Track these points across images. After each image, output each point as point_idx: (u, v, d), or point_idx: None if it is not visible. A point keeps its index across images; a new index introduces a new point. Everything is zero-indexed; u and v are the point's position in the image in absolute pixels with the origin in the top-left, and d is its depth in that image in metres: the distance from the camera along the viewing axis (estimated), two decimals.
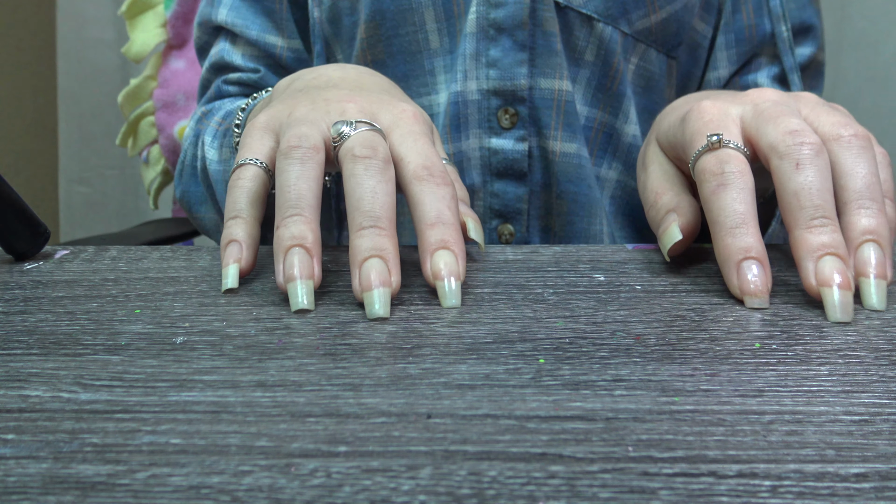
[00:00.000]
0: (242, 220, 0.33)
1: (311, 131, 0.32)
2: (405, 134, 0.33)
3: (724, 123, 0.34)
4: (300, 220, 0.30)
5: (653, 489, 0.17)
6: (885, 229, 0.30)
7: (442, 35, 0.51)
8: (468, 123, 0.51)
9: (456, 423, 0.20)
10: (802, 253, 0.29)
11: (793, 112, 0.33)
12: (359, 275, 0.29)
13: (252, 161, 0.34)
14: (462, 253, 0.30)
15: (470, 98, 0.51)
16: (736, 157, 0.32)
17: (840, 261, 0.29)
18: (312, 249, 0.30)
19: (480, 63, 0.50)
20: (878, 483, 0.18)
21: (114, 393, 0.22)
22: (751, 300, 0.30)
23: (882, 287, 0.29)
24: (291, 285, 0.29)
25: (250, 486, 0.17)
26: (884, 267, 0.30)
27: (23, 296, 0.32)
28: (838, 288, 0.28)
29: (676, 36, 0.54)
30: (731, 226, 0.30)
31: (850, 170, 0.31)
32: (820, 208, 0.30)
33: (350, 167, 0.31)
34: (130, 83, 0.88)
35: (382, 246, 0.29)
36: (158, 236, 0.80)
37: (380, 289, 0.28)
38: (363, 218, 0.30)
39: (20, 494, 0.17)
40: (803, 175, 0.30)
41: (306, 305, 0.29)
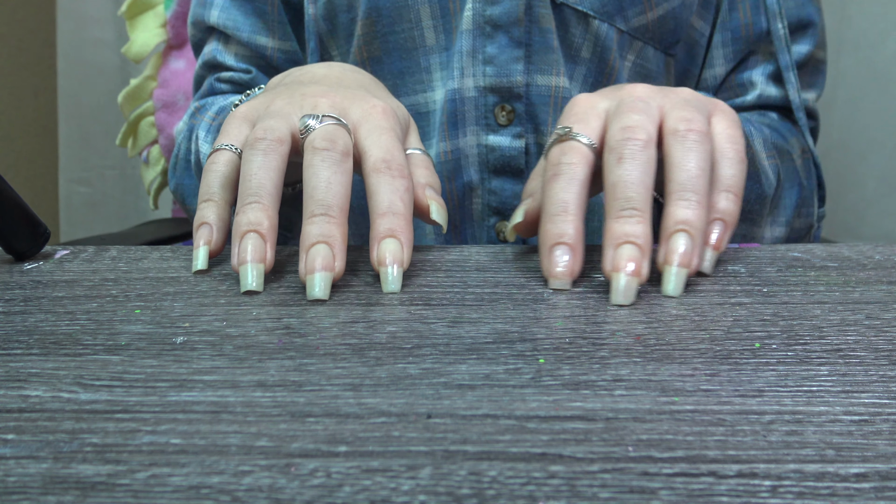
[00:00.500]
0: (214, 203, 0.35)
1: (279, 124, 0.34)
2: (371, 129, 0.35)
3: (587, 117, 0.35)
4: (258, 206, 0.32)
5: (653, 489, 0.17)
6: (699, 220, 0.31)
7: (438, 32, 0.51)
8: (465, 120, 0.51)
9: (456, 423, 0.20)
10: (607, 240, 0.31)
11: (646, 108, 0.34)
12: (305, 259, 0.30)
13: (227, 147, 0.36)
14: (408, 241, 0.32)
15: (467, 95, 0.51)
16: (577, 149, 0.33)
17: (637, 249, 0.30)
18: (266, 235, 0.31)
19: (477, 60, 0.51)
20: (878, 483, 0.18)
21: (114, 393, 0.22)
22: (553, 281, 0.32)
23: (681, 275, 0.31)
24: (243, 268, 0.31)
25: (250, 486, 0.17)
26: (688, 257, 0.31)
27: (23, 296, 0.32)
28: (625, 274, 0.30)
29: (674, 33, 0.54)
30: (553, 213, 0.32)
31: (678, 163, 0.32)
32: (631, 200, 0.31)
33: (309, 158, 0.32)
34: (130, 83, 0.88)
35: (330, 233, 0.31)
36: (158, 236, 0.80)
37: (322, 272, 0.30)
38: (315, 206, 0.31)
39: (20, 494, 0.17)
40: (622, 168, 0.31)
41: (254, 287, 0.31)
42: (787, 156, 0.53)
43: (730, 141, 0.35)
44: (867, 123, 0.94)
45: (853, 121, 0.94)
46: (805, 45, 0.56)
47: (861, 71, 0.93)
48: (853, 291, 0.31)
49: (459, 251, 0.38)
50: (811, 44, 0.56)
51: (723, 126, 0.36)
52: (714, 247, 0.33)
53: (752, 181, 0.47)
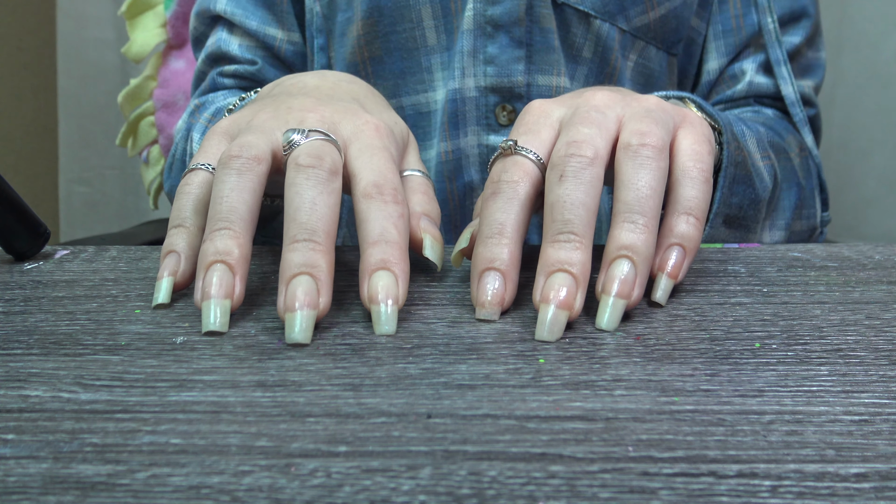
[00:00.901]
0: (185, 229, 0.31)
1: (258, 140, 0.30)
2: (363, 148, 0.31)
3: (537, 127, 0.32)
4: (227, 234, 0.28)
5: (653, 489, 0.17)
6: (644, 246, 0.28)
7: (439, 32, 0.51)
8: (466, 120, 0.51)
9: (456, 423, 0.20)
10: (539, 267, 0.28)
11: (601, 120, 0.30)
12: (285, 292, 0.26)
13: (203, 166, 0.32)
14: (404, 274, 0.28)
15: (468, 95, 0.51)
16: (520, 164, 0.30)
17: (570, 278, 0.27)
18: (236, 266, 0.28)
19: (478, 60, 0.51)
20: (878, 483, 0.18)
21: (114, 393, 0.22)
22: (479, 311, 0.28)
23: (618, 307, 0.27)
24: (206, 303, 0.27)
25: (250, 486, 0.17)
26: (628, 286, 0.27)
27: (23, 296, 0.32)
28: (554, 306, 0.26)
29: (676, 32, 0.54)
30: (487, 235, 0.29)
31: (627, 181, 0.29)
32: (568, 223, 0.28)
33: (292, 175, 0.29)
34: (130, 83, 0.88)
35: (314, 262, 0.27)
36: (158, 236, 0.80)
37: (304, 311, 0.26)
38: (297, 230, 0.27)
39: (20, 494, 0.17)
40: (562, 188, 0.28)
41: (217, 327, 0.27)
42: (784, 154, 0.52)
43: (693, 158, 0.31)
44: (867, 123, 0.94)
45: (853, 120, 0.94)
46: (797, 35, 0.56)
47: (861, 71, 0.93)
48: (853, 291, 0.31)
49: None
50: (804, 34, 0.56)
51: (688, 141, 0.32)
52: (670, 275, 0.30)
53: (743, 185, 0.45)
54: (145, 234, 0.81)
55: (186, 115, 0.57)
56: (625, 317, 0.28)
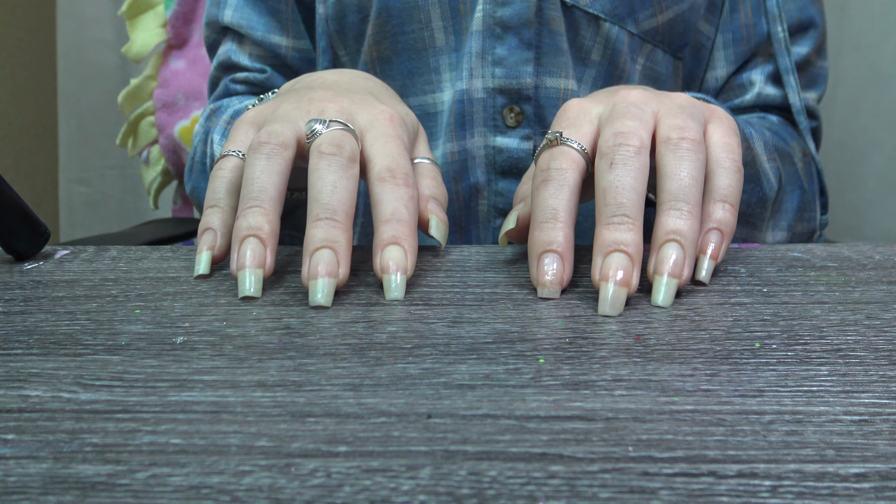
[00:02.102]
0: (219, 209, 0.34)
1: (284, 128, 0.33)
2: (378, 136, 0.34)
3: (578, 122, 0.34)
4: (259, 211, 0.31)
5: (653, 489, 0.17)
6: (691, 231, 0.30)
7: (448, 33, 0.52)
8: (473, 122, 0.51)
9: (456, 423, 0.20)
10: (596, 248, 0.30)
11: (640, 114, 0.33)
12: (308, 263, 0.30)
13: (234, 153, 0.36)
14: (412, 249, 0.31)
15: (475, 96, 0.51)
16: (568, 154, 0.33)
17: (626, 258, 0.29)
18: (267, 240, 0.31)
19: (486, 61, 0.51)
20: (878, 483, 0.18)
21: (114, 393, 0.22)
22: (542, 290, 0.31)
23: (672, 286, 0.30)
24: (241, 273, 0.31)
25: (250, 486, 0.17)
26: (679, 267, 0.30)
27: (23, 296, 0.32)
28: (614, 284, 0.29)
29: (683, 37, 0.54)
30: (541, 220, 0.31)
31: (671, 172, 0.31)
32: (622, 206, 0.30)
33: (315, 162, 0.32)
34: (130, 83, 0.88)
35: (335, 238, 0.30)
36: (158, 236, 0.80)
37: (325, 278, 0.30)
38: (320, 209, 0.31)
39: (20, 494, 0.17)
40: (613, 174, 0.30)
41: (252, 293, 0.30)
42: (789, 159, 0.52)
43: (726, 150, 0.34)
44: (867, 123, 0.94)
45: (853, 121, 0.94)
46: (805, 46, 0.56)
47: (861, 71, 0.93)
48: (853, 291, 0.31)
49: (459, 251, 0.38)
50: (811, 45, 0.57)
51: (719, 134, 0.34)
52: (711, 256, 0.32)
53: (752, 184, 0.47)
54: (145, 234, 0.81)
55: (203, 119, 0.58)
56: (625, 317, 0.28)
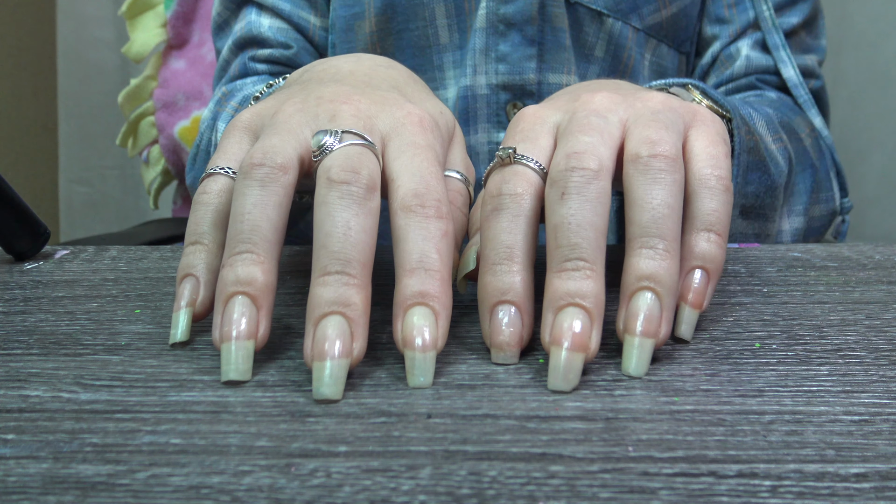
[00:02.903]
0: (203, 247, 0.27)
1: (284, 144, 0.26)
2: (403, 147, 0.27)
3: (534, 134, 0.28)
4: (249, 258, 0.24)
5: (653, 489, 0.17)
6: (667, 274, 0.24)
7: (452, 31, 0.52)
8: (477, 118, 0.52)
9: (456, 423, 0.20)
10: (545, 302, 0.24)
11: (602, 126, 0.27)
12: (313, 335, 0.23)
13: (223, 170, 0.28)
14: (445, 309, 0.24)
15: (479, 93, 0.51)
16: (523, 175, 0.27)
17: (583, 313, 0.23)
18: (260, 298, 0.24)
19: (490, 58, 0.51)
20: (878, 483, 0.18)
21: (114, 393, 0.22)
22: (496, 353, 0.25)
23: (645, 349, 0.24)
24: (225, 347, 0.23)
25: (250, 486, 0.17)
26: (653, 324, 0.24)
27: (23, 296, 0.32)
28: (566, 350, 0.23)
29: (686, 31, 0.55)
30: (493, 261, 0.25)
31: (640, 199, 0.25)
32: (576, 248, 0.24)
33: (323, 193, 0.25)
34: (130, 83, 0.88)
35: (348, 299, 0.23)
36: (158, 236, 0.80)
37: (336, 361, 0.22)
38: (329, 260, 0.24)
39: (20, 494, 0.17)
40: (565, 207, 0.25)
41: (238, 376, 0.23)
42: (795, 135, 0.49)
43: (711, 164, 0.27)
44: (867, 123, 0.94)
45: (853, 121, 0.94)
46: (796, 15, 0.55)
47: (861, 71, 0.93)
48: (853, 291, 0.31)
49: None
50: (802, 15, 0.56)
51: (702, 143, 0.28)
52: (693, 304, 0.26)
53: (759, 172, 0.42)
54: (145, 234, 0.81)
55: (212, 103, 0.55)
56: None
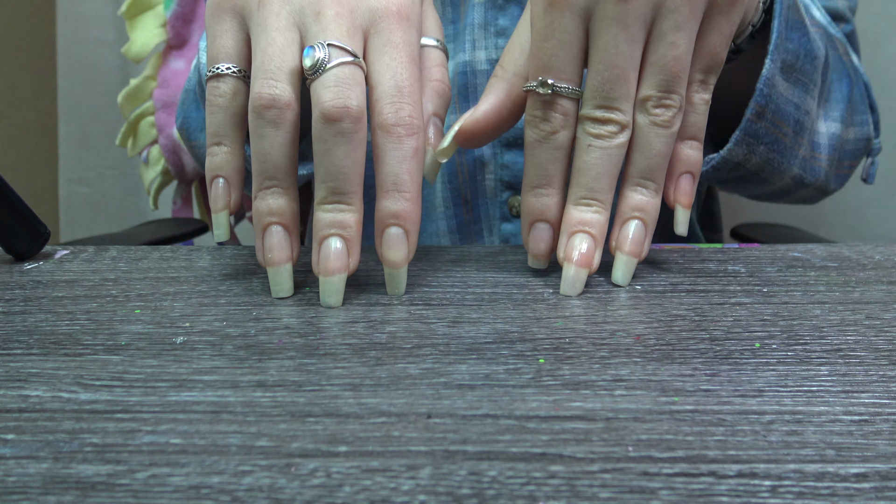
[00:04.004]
0: (226, 148, 0.32)
1: (283, 74, 0.30)
2: (382, 46, 0.31)
3: (565, 36, 0.31)
4: (277, 192, 0.30)
5: (653, 489, 0.17)
6: (652, 208, 0.33)
7: (445, 4, 0.52)
8: (476, 93, 0.51)
9: (456, 423, 0.20)
10: (563, 225, 0.32)
11: (628, 37, 0.30)
12: (318, 253, 0.30)
13: (228, 70, 0.32)
14: (414, 225, 0.30)
15: (479, 68, 0.51)
16: (563, 109, 0.32)
17: (589, 238, 0.32)
18: (291, 225, 0.31)
19: (489, 32, 0.51)
20: (878, 483, 0.18)
21: (114, 393, 0.22)
22: (532, 260, 0.34)
23: (630, 265, 0.32)
24: (273, 271, 0.31)
25: (250, 486, 0.17)
26: (637, 245, 0.32)
27: (23, 296, 0.32)
28: (576, 266, 0.31)
29: None
30: (535, 185, 0.32)
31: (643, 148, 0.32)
32: (592, 191, 0.32)
33: (320, 129, 0.29)
34: (130, 83, 0.88)
35: (344, 223, 0.29)
36: (158, 236, 0.80)
37: (337, 276, 0.29)
38: (328, 192, 0.29)
39: (20, 494, 0.17)
40: (590, 156, 0.32)
41: (285, 293, 0.31)
42: (831, 42, 0.47)
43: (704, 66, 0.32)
44: None
45: None
46: None
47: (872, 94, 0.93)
48: (853, 291, 0.31)
49: (459, 251, 0.38)
50: None
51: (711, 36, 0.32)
52: (683, 204, 0.33)
53: (798, 33, 0.40)
54: (145, 234, 0.81)
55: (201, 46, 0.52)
56: (625, 317, 0.28)
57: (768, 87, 0.38)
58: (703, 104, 0.33)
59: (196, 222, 0.84)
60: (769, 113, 0.39)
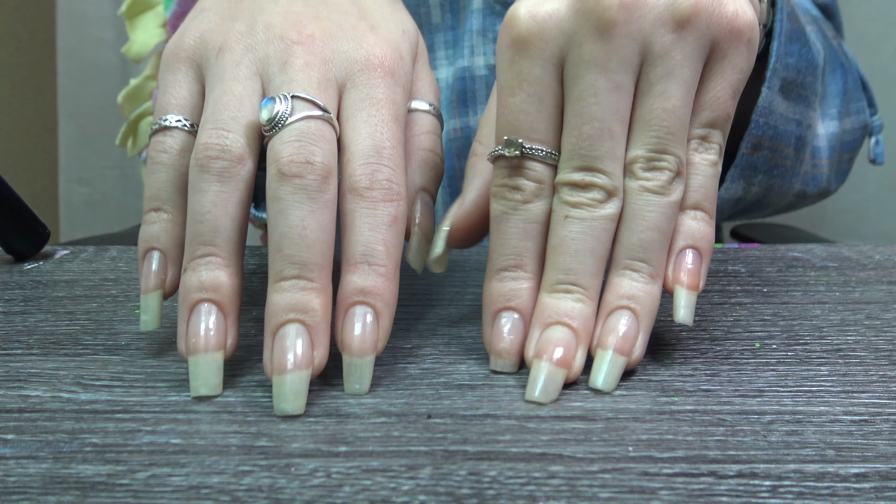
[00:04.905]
0: (166, 214, 0.26)
1: (237, 119, 0.25)
2: (360, 102, 0.26)
3: (539, 86, 0.25)
4: (213, 262, 0.24)
5: (653, 489, 0.17)
6: (649, 299, 0.24)
7: (444, 11, 0.52)
8: (476, 99, 0.52)
9: (456, 423, 0.20)
10: (535, 316, 0.24)
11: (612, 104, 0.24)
12: (272, 347, 0.22)
13: (176, 123, 0.27)
14: (388, 307, 0.23)
15: (477, 74, 0.51)
16: (533, 176, 0.25)
17: (569, 332, 0.24)
18: (227, 304, 0.23)
19: (487, 38, 0.51)
20: (878, 483, 0.18)
21: (114, 393, 0.22)
22: (495, 360, 0.24)
23: (618, 364, 0.23)
24: (192, 360, 0.23)
25: (250, 486, 0.17)
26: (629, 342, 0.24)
27: (23, 296, 0.32)
28: (548, 363, 0.23)
29: None
30: (500, 267, 0.25)
31: (632, 221, 0.25)
32: (571, 272, 0.24)
33: (275, 188, 0.23)
34: (130, 83, 0.88)
35: (307, 305, 0.22)
36: None
37: (295, 373, 0.22)
38: (284, 264, 0.23)
39: (20, 494, 0.17)
40: (567, 229, 0.24)
41: (208, 391, 0.22)
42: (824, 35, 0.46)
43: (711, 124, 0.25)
44: None
45: None
46: None
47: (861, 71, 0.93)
48: (853, 291, 0.31)
49: (459, 251, 0.38)
50: None
51: (716, 90, 0.25)
52: (689, 286, 0.25)
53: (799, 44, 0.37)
54: None
55: None
56: None
57: (765, 117, 0.36)
58: (707, 166, 0.26)
59: None
60: (767, 141, 0.37)
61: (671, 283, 0.25)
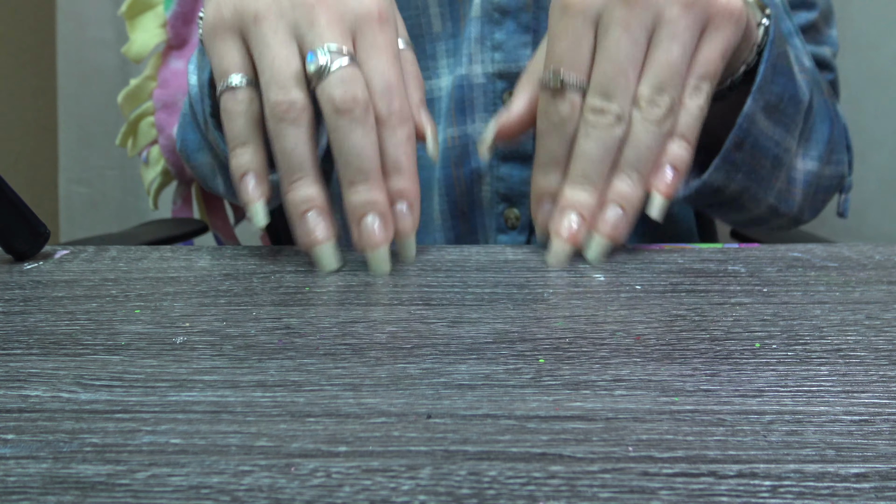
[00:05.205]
0: (250, 147, 0.35)
1: (290, 76, 0.33)
2: (368, 49, 0.34)
3: (576, 36, 0.35)
4: (307, 181, 0.33)
5: (653, 489, 0.17)
6: (636, 197, 0.35)
7: (445, 19, 0.52)
8: (474, 107, 0.52)
9: (456, 423, 0.20)
10: (557, 202, 0.36)
11: (631, 46, 0.34)
12: (359, 232, 0.33)
13: (237, 84, 0.35)
14: (416, 198, 0.34)
15: (475, 81, 0.51)
16: (573, 103, 0.35)
17: (578, 217, 0.35)
18: (324, 208, 0.34)
19: (485, 46, 0.51)
20: (878, 483, 0.18)
21: (114, 393, 0.22)
22: (556, 241, 0.36)
23: (604, 246, 0.35)
24: (318, 249, 0.34)
25: (250, 486, 0.17)
26: (619, 230, 0.35)
27: (23, 296, 0.32)
28: (561, 239, 0.35)
29: None
30: (544, 163, 0.36)
31: (634, 141, 0.35)
32: (588, 176, 0.35)
33: (334, 120, 0.32)
34: (130, 83, 0.88)
35: (375, 199, 0.33)
36: (158, 236, 0.80)
37: (382, 248, 0.33)
38: (354, 174, 0.32)
39: (20, 494, 0.17)
40: (588, 143, 0.35)
41: (335, 266, 0.34)
42: (818, 86, 0.49)
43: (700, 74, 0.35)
44: (867, 124, 0.94)
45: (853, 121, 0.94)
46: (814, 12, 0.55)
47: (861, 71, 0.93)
48: (853, 291, 0.31)
49: (459, 251, 0.38)
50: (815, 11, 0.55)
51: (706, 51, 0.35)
52: (664, 194, 0.35)
53: (784, 77, 0.42)
54: (145, 234, 0.81)
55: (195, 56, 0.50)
56: (625, 317, 0.28)
57: (748, 123, 0.40)
58: (695, 108, 0.35)
59: (196, 222, 0.84)
60: (747, 145, 0.41)
61: (650, 187, 0.35)
